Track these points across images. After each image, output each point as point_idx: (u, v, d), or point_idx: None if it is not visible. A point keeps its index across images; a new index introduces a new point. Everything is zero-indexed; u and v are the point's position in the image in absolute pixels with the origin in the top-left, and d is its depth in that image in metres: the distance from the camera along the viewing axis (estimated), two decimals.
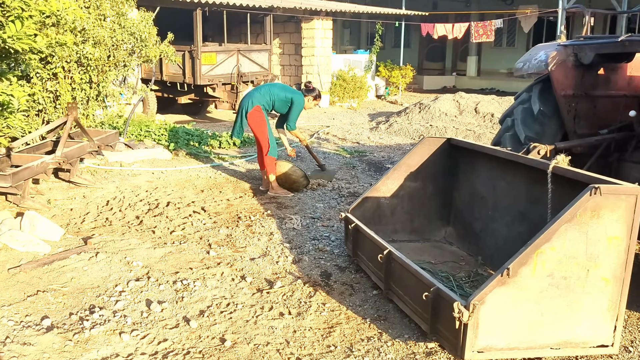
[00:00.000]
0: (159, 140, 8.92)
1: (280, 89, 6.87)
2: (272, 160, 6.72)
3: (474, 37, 14.98)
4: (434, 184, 4.87)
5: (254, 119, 6.72)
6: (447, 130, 10.65)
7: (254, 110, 6.70)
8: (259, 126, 6.73)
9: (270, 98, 6.77)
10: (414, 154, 4.77)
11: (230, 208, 6.24)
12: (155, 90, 13.12)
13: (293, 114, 6.84)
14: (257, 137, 6.77)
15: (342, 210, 6.08)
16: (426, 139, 4.77)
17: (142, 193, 6.72)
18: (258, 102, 6.73)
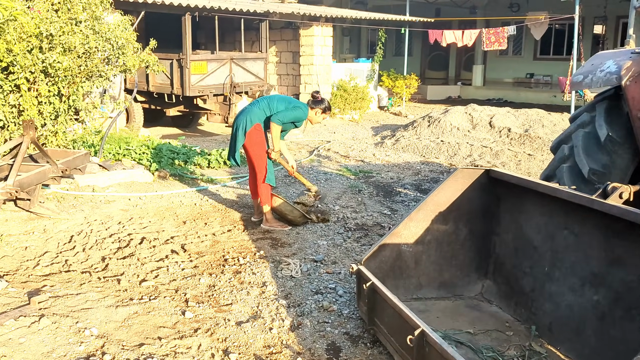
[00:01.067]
0: (139, 159, 7.91)
1: (281, 101, 5.79)
2: (268, 189, 5.71)
3: (485, 44, 14.02)
4: (468, 226, 3.87)
5: (252, 139, 5.65)
6: (461, 147, 9.66)
7: (253, 129, 5.63)
8: (257, 148, 5.68)
9: (270, 112, 5.71)
10: (444, 188, 3.77)
11: (216, 246, 5.22)
12: (142, 101, 12.12)
13: (287, 112, 5.61)
14: (253, 160, 5.73)
15: (354, 260, 5.07)
16: (459, 171, 3.78)
17: (114, 226, 5.71)
18: (258, 119, 5.66)
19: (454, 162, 9.21)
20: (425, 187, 7.53)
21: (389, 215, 6.25)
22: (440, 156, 9.58)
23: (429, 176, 8.20)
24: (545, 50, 22.25)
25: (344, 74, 14.81)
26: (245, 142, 5.67)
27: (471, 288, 3.94)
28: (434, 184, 7.71)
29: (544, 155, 9.21)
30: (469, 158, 9.32)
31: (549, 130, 10.08)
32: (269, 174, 5.69)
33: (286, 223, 5.76)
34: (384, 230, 5.74)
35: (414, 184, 7.71)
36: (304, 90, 14.23)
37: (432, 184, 7.71)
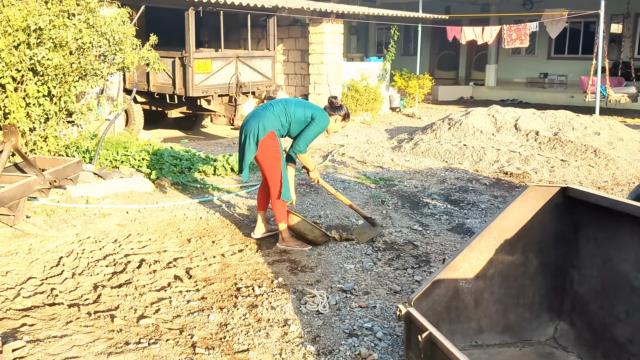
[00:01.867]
0: (138, 166, 7.20)
1: (297, 105, 4.98)
2: (283, 206, 4.98)
3: (506, 42, 13.28)
4: (539, 257, 3.16)
5: (265, 149, 4.86)
6: (486, 152, 8.93)
7: (267, 138, 4.83)
8: (271, 159, 4.89)
9: (287, 119, 4.91)
10: (512, 211, 3.05)
11: (226, 271, 4.51)
12: (142, 102, 11.42)
13: (309, 133, 4.95)
14: (266, 172, 4.98)
15: (390, 290, 4.36)
16: (530, 189, 3.06)
17: (109, 245, 5.00)
18: (272, 127, 4.86)
19: (480, 169, 8.49)
20: (454, 197, 6.81)
21: (420, 231, 5.53)
22: (464, 162, 8.86)
23: (456, 184, 7.48)
24: (559, 49, 21.53)
25: (354, 74, 14.10)
26: (258, 152, 4.88)
27: (542, 332, 3.21)
28: (464, 193, 7.00)
29: (577, 161, 8.48)
30: (496, 164, 8.59)
31: (580, 133, 9.36)
32: (284, 189, 4.94)
33: (305, 243, 5.04)
34: (417, 249, 5.03)
35: (441, 193, 6.99)
36: (313, 90, 13.51)
37: (462, 193, 6.99)
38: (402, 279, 4.36)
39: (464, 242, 4.75)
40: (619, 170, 8.21)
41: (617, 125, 10.09)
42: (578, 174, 8.00)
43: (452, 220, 5.92)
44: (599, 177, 7.89)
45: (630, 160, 8.67)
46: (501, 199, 6.73)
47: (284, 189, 4.92)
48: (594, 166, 8.29)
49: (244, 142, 4.92)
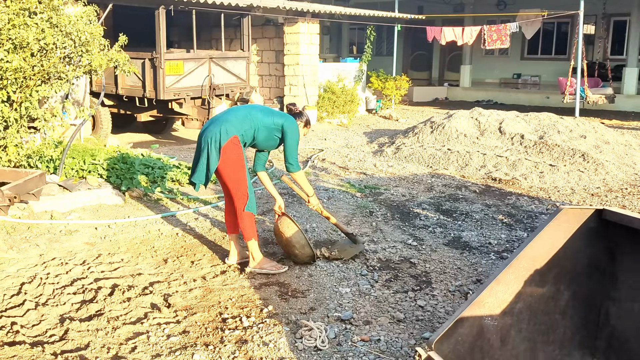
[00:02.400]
0: (107, 176, 6.69)
1: (263, 112, 4.52)
2: (251, 219, 4.49)
3: (487, 42, 13.04)
4: (572, 288, 2.81)
5: (228, 156, 4.36)
6: (472, 156, 8.63)
7: (230, 143, 4.35)
8: (234, 168, 4.39)
9: (251, 125, 4.43)
10: (544, 237, 2.69)
11: (209, 297, 4.07)
12: (110, 106, 10.84)
13: (290, 146, 4.50)
14: (228, 184, 4.45)
15: (404, 331, 3.97)
16: (563, 212, 2.70)
17: (77, 267, 4.52)
18: (235, 132, 4.37)
19: (467, 174, 8.18)
20: (445, 207, 6.47)
21: (415, 246, 5.16)
22: (449, 167, 8.55)
23: (445, 192, 7.14)
24: (532, 49, 21.49)
25: (330, 75, 13.71)
26: (221, 162, 4.37)
27: None
28: (455, 202, 6.66)
29: (566, 165, 8.23)
30: (483, 169, 8.29)
31: (566, 136, 9.13)
32: (250, 200, 4.44)
33: (288, 257, 4.61)
34: (415, 268, 4.65)
35: (431, 203, 6.64)
36: (289, 92, 13.08)
37: (453, 202, 6.65)
38: (404, 304, 3.97)
39: (460, 256, 4.40)
40: (609, 175, 7.99)
41: (602, 127, 9.91)
42: (569, 180, 7.74)
43: (447, 233, 5.57)
44: (590, 183, 7.64)
45: (619, 164, 8.46)
46: (495, 209, 6.41)
47: (250, 200, 4.44)
48: (583, 171, 8.05)
49: (203, 149, 4.38)
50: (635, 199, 6.91)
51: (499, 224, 5.87)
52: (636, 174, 8.25)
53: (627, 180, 7.87)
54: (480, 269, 4.67)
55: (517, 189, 7.38)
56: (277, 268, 4.49)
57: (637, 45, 16.53)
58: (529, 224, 5.89)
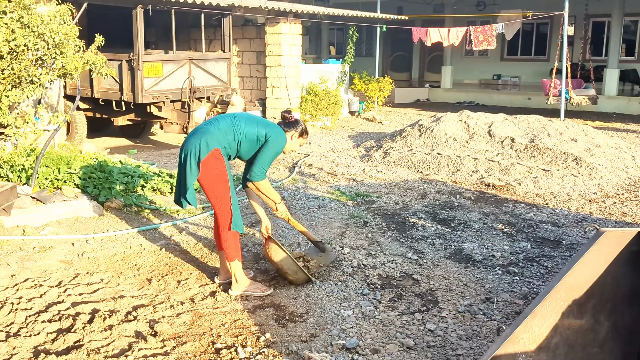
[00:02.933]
0: (84, 186, 6.28)
1: (249, 122, 4.14)
2: (235, 238, 4.14)
3: (474, 43, 12.83)
4: (612, 318, 2.54)
5: (209, 170, 4.01)
6: (463, 161, 8.39)
7: (211, 157, 3.99)
8: (216, 182, 4.04)
9: (235, 137, 4.08)
10: (584, 265, 2.41)
11: (199, 323, 3.72)
12: (85, 109, 10.39)
13: (264, 156, 4.11)
14: (211, 200, 4.13)
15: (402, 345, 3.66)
16: (604, 236, 2.43)
17: (52, 290, 4.14)
18: (217, 144, 4.01)
19: (459, 180, 7.93)
20: (442, 216, 6.19)
21: (416, 260, 4.87)
22: (440, 172, 8.29)
23: (439, 200, 6.87)
24: (512, 50, 21.45)
25: (313, 76, 13.40)
26: (200, 174, 4.02)
27: None
28: (451, 210, 6.40)
29: (560, 170, 8.03)
30: (475, 175, 8.06)
31: (557, 140, 8.94)
32: (235, 218, 4.08)
33: (284, 280, 4.28)
34: (419, 285, 4.36)
35: (426, 211, 6.36)
36: (271, 94, 12.73)
37: (449, 210, 6.39)
38: (411, 328, 3.68)
39: (465, 271, 4.12)
40: (603, 180, 7.80)
41: (591, 130, 9.75)
42: (563, 185, 7.54)
43: (447, 245, 5.29)
44: (585, 189, 7.44)
45: (612, 168, 8.29)
46: (493, 217, 6.16)
47: (235, 218, 4.08)
48: (577, 176, 7.86)
49: (184, 162, 4.05)
50: (634, 205, 6.71)
51: (500, 234, 5.62)
52: (629, 178, 8.09)
53: (622, 185, 7.70)
54: (487, 285, 4.40)
55: (512, 195, 7.14)
56: (261, 290, 4.14)
57: (618, 46, 16.53)
58: (530, 234, 5.65)
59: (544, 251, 5.17)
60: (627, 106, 16.05)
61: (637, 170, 8.48)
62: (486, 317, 3.84)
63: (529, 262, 4.91)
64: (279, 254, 4.19)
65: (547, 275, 4.61)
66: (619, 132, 12.21)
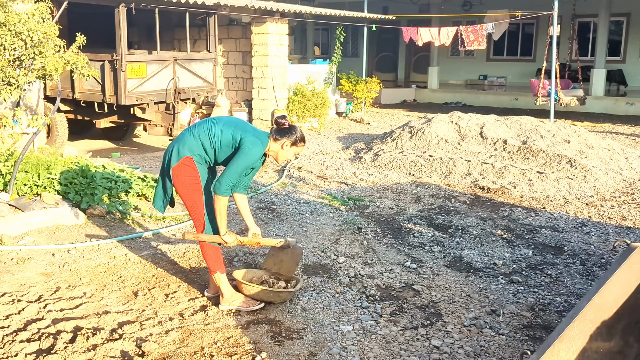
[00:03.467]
0: (65, 192, 6.00)
1: (227, 125, 3.83)
2: (214, 251, 3.91)
3: (465, 43, 12.67)
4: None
5: (180, 179, 3.82)
6: (456, 164, 8.21)
7: (181, 165, 3.80)
8: (188, 191, 3.83)
9: (211, 143, 3.81)
10: (613, 284, 2.22)
11: (190, 341, 3.48)
12: (66, 111, 10.07)
13: (232, 165, 3.71)
14: (187, 209, 3.98)
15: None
16: (635, 252, 2.23)
17: (31, 306, 3.88)
18: (188, 152, 3.80)
19: (452, 183, 7.76)
20: (438, 221, 6.00)
21: (415, 269, 4.66)
22: (433, 175, 8.11)
23: (433, 204, 6.69)
24: (498, 51, 21.39)
25: (300, 77, 13.17)
26: (173, 182, 3.87)
27: None
28: (447, 215, 6.21)
29: (554, 172, 7.89)
30: (469, 177, 7.88)
31: (550, 141, 8.80)
32: (208, 228, 3.89)
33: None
34: (420, 297, 4.16)
35: (422, 216, 6.17)
36: (257, 95, 12.48)
37: (445, 215, 6.20)
38: (416, 345, 3.47)
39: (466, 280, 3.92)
40: (599, 182, 7.67)
41: (583, 131, 9.63)
42: (559, 188, 7.39)
43: (446, 252, 5.10)
44: (581, 191, 7.30)
45: (606, 170, 8.16)
46: (491, 222, 5.98)
47: (209, 229, 3.88)
48: (572, 178, 7.72)
49: (162, 167, 4.01)
50: (632, 209, 6.58)
51: (500, 241, 5.44)
52: (624, 180, 7.97)
53: (618, 187, 7.57)
54: (491, 295, 4.21)
55: (508, 199, 6.98)
56: (251, 305, 3.90)
57: (605, 46, 16.50)
58: (531, 240, 5.47)
59: (546, 258, 5.00)
60: (614, 106, 16.03)
61: (631, 172, 8.37)
62: (493, 332, 3.65)
63: (532, 270, 4.73)
64: (252, 290, 3.92)
65: (552, 285, 4.44)
66: (611, 133, 12.13)
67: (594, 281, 4.51)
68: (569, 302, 4.13)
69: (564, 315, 3.92)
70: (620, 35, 18.84)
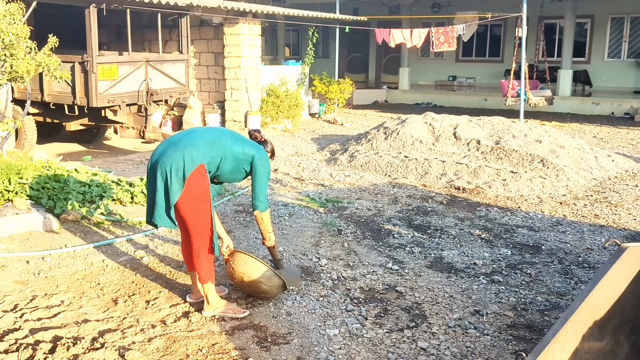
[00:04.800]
0: (37, 197, 5.86)
1: (233, 139, 3.84)
2: (210, 261, 3.81)
3: (435, 45, 12.78)
4: (632, 339, 2.38)
5: (193, 189, 3.64)
6: (431, 164, 8.26)
7: (196, 173, 3.63)
8: (199, 202, 3.67)
9: (219, 153, 3.74)
10: (606, 285, 2.25)
11: (174, 349, 3.43)
12: (35, 114, 9.86)
13: (261, 181, 3.88)
14: (188, 220, 3.72)
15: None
16: (626, 252, 2.28)
17: (7, 316, 3.78)
18: (203, 159, 3.66)
19: (428, 184, 7.80)
20: (417, 222, 6.03)
21: (397, 271, 4.67)
22: (409, 175, 8.15)
23: (411, 204, 6.72)
24: (467, 52, 21.64)
25: (272, 78, 13.12)
26: (184, 194, 3.64)
27: None
28: (425, 216, 6.24)
29: (527, 172, 7.99)
30: (444, 178, 7.94)
31: (522, 141, 8.92)
32: (215, 240, 3.78)
33: (254, 295, 3.99)
34: (404, 298, 4.16)
35: (400, 217, 6.19)
36: (230, 96, 12.39)
37: (423, 216, 6.23)
38: (403, 347, 3.47)
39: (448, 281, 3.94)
40: (571, 181, 7.80)
41: (553, 131, 9.78)
42: (533, 188, 7.49)
43: (426, 253, 5.12)
44: (554, 190, 7.41)
45: (577, 169, 8.31)
46: (469, 222, 6.03)
47: (215, 240, 3.78)
48: (545, 177, 7.83)
49: (160, 180, 3.63)
50: (604, 207, 6.70)
51: (478, 241, 5.48)
52: (595, 179, 8.12)
53: (589, 186, 7.71)
54: (474, 296, 4.23)
55: (484, 199, 7.05)
56: (236, 312, 3.84)
57: (571, 47, 16.82)
58: (508, 239, 5.53)
59: (524, 257, 5.05)
60: (580, 106, 16.37)
61: (601, 170, 8.54)
62: (478, 332, 3.67)
63: (511, 269, 4.78)
64: (248, 262, 3.89)
65: (532, 284, 4.49)
66: (579, 132, 12.36)
67: (572, 279, 4.58)
68: (550, 301, 4.18)
69: (546, 314, 3.97)
70: (585, 36, 19.22)
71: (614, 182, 7.97)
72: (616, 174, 8.47)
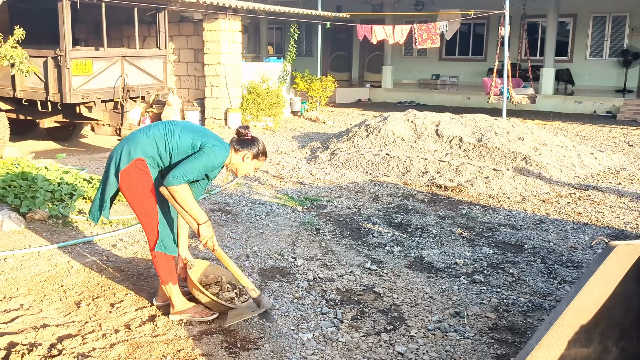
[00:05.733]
0: (3, 195, 5.62)
1: (185, 130, 3.53)
2: (166, 260, 3.60)
3: (417, 42, 12.64)
4: (620, 344, 2.23)
5: (130, 183, 3.49)
6: (413, 162, 8.12)
7: (133, 167, 3.47)
8: (140, 196, 3.51)
9: (166, 147, 3.49)
10: (592, 287, 2.09)
11: (136, 356, 3.23)
12: (7, 110, 9.55)
13: (192, 162, 3.40)
14: (137, 216, 3.63)
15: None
16: (614, 252, 2.12)
17: None
18: (142, 153, 3.47)
19: (410, 181, 7.65)
20: (397, 220, 5.87)
21: (376, 271, 4.51)
22: (390, 173, 7.99)
23: (392, 203, 6.56)
24: (450, 50, 21.56)
25: (254, 75, 12.91)
26: (121, 186, 3.50)
27: None
28: (405, 214, 6.08)
29: (510, 170, 7.88)
30: (426, 175, 7.80)
31: (504, 139, 8.81)
32: (162, 237, 3.56)
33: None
34: (382, 300, 4.00)
35: (380, 216, 6.03)
36: (210, 93, 12.17)
37: (404, 214, 6.07)
38: (380, 352, 3.30)
39: (428, 281, 3.78)
40: (553, 179, 7.69)
41: (536, 129, 9.69)
42: (515, 185, 7.37)
43: (406, 252, 4.96)
44: (537, 188, 7.30)
45: (559, 167, 8.21)
46: (450, 221, 5.88)
47: (163, 238, 3.56)
48: (528, 175, 7.72)
49: (105, 170, 3.58)
50: (587, 205, 6.60)
51: (460, 239, 5.34)
52: (577, 176, 8.02)
53: (572, 184, 7.61)
54: (454, 297, 4.08)
55: (466, 197, 6.91)
56: (204, 315, 3.64)
57: (554, 46, 16.78)
58: (490, 238, 5.39)
59: (507, 257, 4.91)
60: (563, 105, 16.35)
61: (584, 168, 8.45)
62: (458, 335, 3.51)
63: (493, 269, 4.63)
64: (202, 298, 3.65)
65: (514, 284, 4.34)
66: (562, 130, 12.30)
67: (556, 279, 4.45)
68: (533, 302, 4.04)
69: (529, 315, 3.83)
70: (567, 35, 19.21)
71: (597, 180, 7.88)
72: (599, 171, 8.39)
